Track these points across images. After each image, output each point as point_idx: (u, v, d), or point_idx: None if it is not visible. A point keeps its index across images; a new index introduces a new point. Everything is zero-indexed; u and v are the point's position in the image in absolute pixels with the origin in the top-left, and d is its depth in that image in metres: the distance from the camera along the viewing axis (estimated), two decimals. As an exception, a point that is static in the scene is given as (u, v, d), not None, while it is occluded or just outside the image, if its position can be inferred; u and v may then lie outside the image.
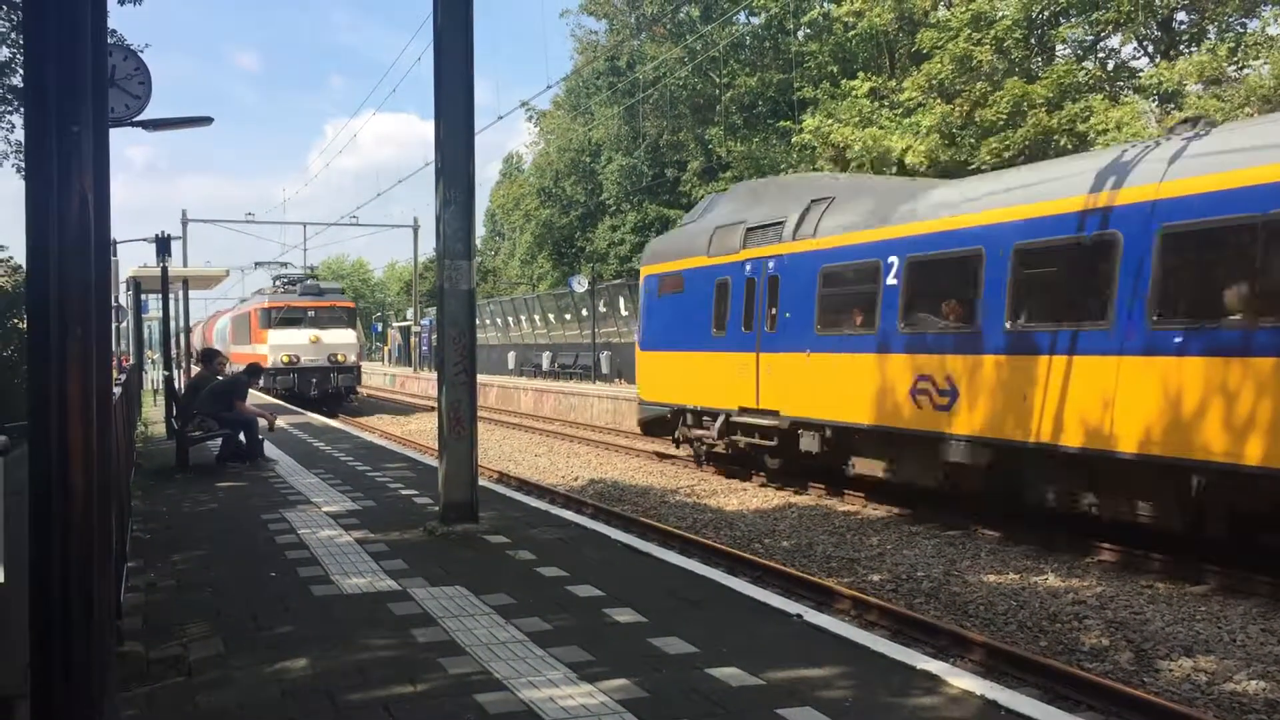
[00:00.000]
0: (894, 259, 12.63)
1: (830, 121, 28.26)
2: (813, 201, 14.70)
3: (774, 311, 14.83)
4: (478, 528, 9.10)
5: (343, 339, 34.54)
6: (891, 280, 12.66)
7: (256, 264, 42.58)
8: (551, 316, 42.08)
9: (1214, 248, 9.49)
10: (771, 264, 14.91)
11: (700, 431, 16.91)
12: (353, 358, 34.60)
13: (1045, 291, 11.16)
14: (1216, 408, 9.06)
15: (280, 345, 33.45)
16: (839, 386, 13.53)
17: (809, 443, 14.21)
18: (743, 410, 15.47)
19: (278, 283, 38.76)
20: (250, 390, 17.33)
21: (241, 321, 40.20)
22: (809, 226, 14.34)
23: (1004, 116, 23.90)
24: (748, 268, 15.44)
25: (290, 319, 34.24)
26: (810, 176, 19.26)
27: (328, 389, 33.48)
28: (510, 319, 47.33)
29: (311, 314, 34.46)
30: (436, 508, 9.58)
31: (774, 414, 14.77)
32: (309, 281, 37.38)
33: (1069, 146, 22.55)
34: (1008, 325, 11.05)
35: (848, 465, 13.80)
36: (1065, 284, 10.84)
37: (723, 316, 15.97)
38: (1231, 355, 8.95)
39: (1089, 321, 10.23)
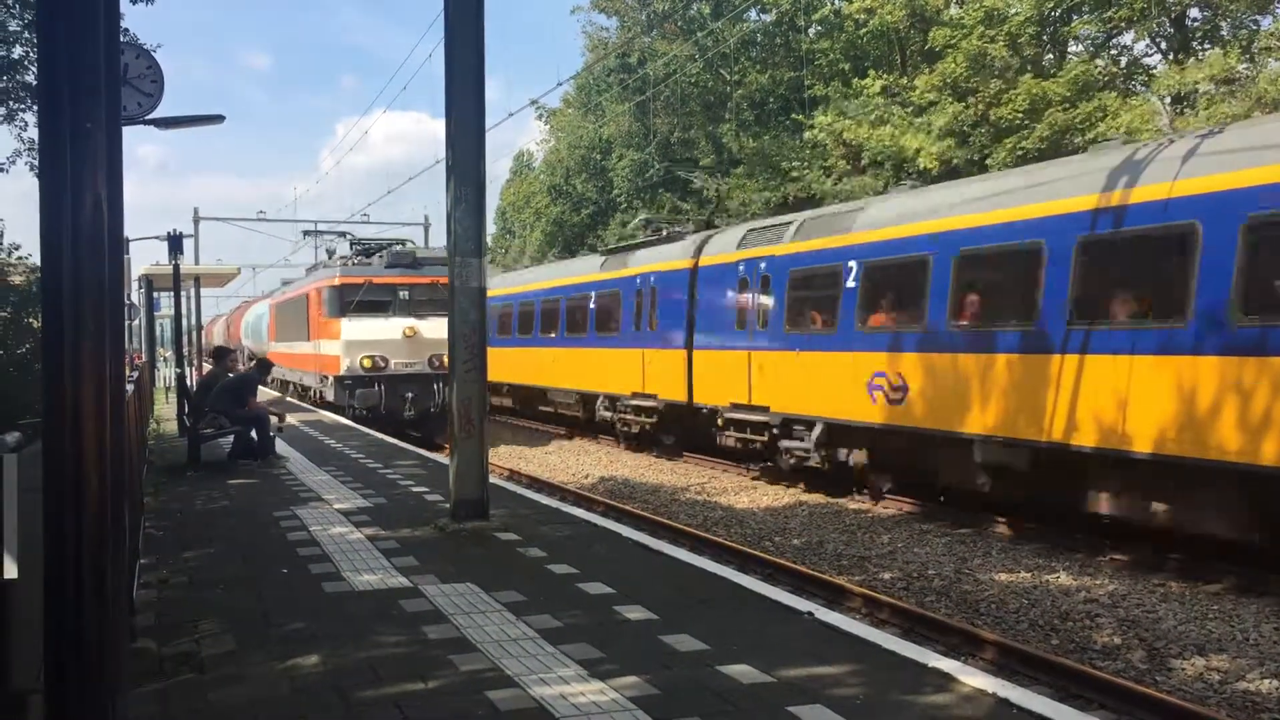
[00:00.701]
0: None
1: (843, 119, 28.18)
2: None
3: None
4: (489, 525, 9.12)
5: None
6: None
7: (305, 234, 30.15)
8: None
9: None
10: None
11: None
12: None
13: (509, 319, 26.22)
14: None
15: (359, 342, 22.47)
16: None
17: None
18: None
19: (350, 251, 26.48)
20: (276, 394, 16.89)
21: (292, 310, 28.48)
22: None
23: (1020, 115, 23.82)
24: None
25: (372, 303, 22.89)
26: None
27: (429, 407, 22.56)
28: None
29: (404, 295, 23.08)
30: (447, 505, 9.59)
31: None
32: (398, 248, 24.98)
33: (1083, 147, 22.45)
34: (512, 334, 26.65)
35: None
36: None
37: None
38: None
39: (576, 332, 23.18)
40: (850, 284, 13.71)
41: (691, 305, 17.70)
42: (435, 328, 22.11)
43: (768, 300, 15.54)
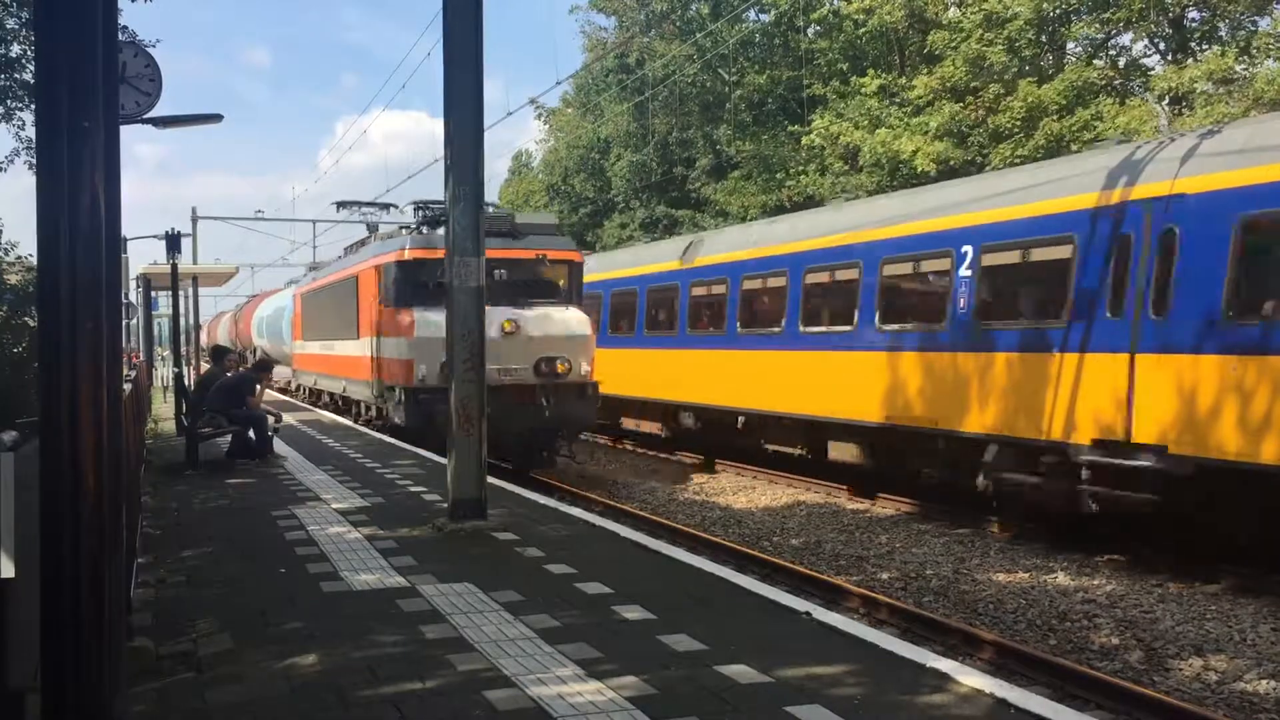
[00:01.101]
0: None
1: (841, 121, 28.19)
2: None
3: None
4: (486, 524, 9.11)
5: (564, 326, 16.70)
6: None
7: (339, 205, 22.96)
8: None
9: None
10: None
11: None
12: (585, 365, 16.70)
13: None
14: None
15: (440, 341, 12.60)
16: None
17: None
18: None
19: (414, 219, 18.51)
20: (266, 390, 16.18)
21: (332, 298, 21.96)
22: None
23: (1018, 122, 23.88)
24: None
25: None
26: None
27: (538, 430, 16.17)
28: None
29: (500, 274, 16.00)
30: (445, 504, 9.59)
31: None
32: (495, 211, 18.84)
33: (1080, 151, 22.46)
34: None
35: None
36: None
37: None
38: None
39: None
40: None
41: None
42: (545, 320, 16.34)
43: None
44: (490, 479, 10.06)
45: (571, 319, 16.86)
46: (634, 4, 39.50)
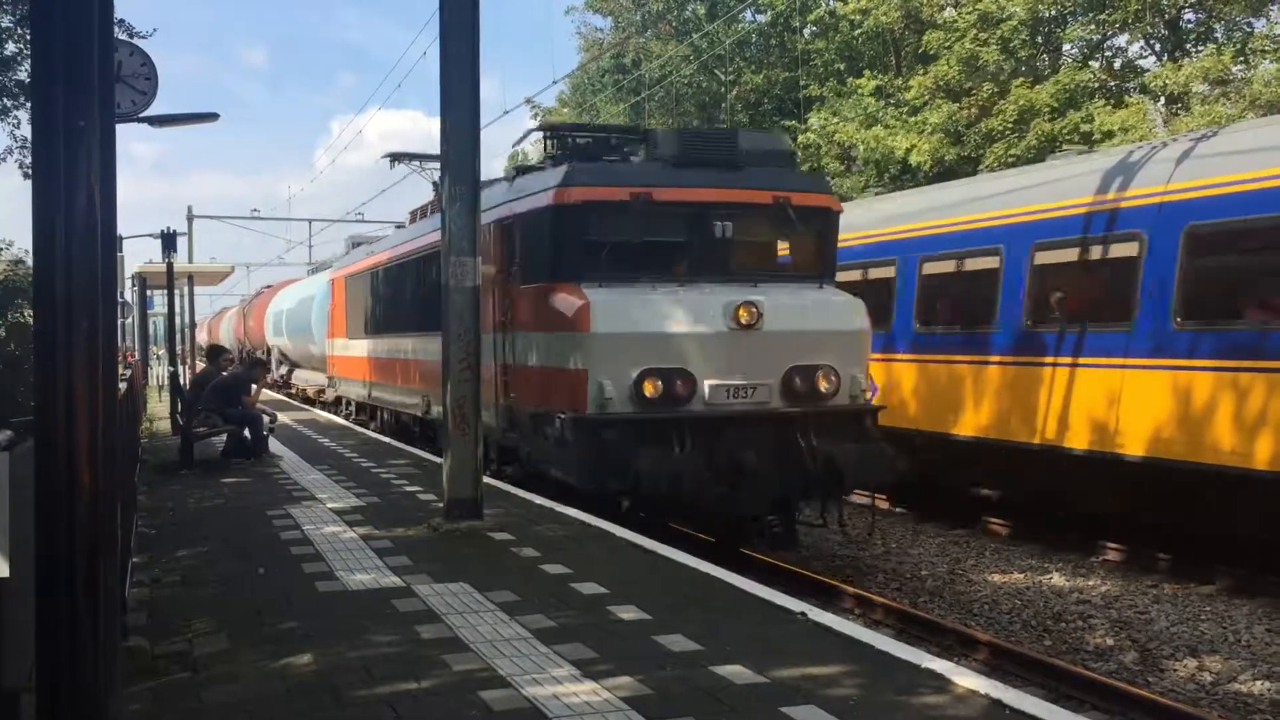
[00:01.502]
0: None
1: (836, 120, 28.21)
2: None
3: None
4: (482, 524, 9.10)
5: (826, 316, 10.40)
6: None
7: (392, 158, 16.32)
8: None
9: None
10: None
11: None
12: (860, 378, 10.27)
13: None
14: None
15: (631, 340, 9.62)
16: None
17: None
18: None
19: (547, 149, 12.12)
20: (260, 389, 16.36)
21: (410, 278, 15.75)
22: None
23: (1010, 125, 23.94)
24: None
25: (649, 249, 10.26)
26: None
27: (789, 483, 9.81)
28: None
29: (723, 229, 10.08)
30: (441, 504, 9.57)
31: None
32: (706, 130, 13.79)
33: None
34: None
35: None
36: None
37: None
38: None
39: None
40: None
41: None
42: (797, 308, 10.38)
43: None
44: (486, 479, 10.06)
45: (836, 305, 10.70)
46: (630, 4, 39.47)
